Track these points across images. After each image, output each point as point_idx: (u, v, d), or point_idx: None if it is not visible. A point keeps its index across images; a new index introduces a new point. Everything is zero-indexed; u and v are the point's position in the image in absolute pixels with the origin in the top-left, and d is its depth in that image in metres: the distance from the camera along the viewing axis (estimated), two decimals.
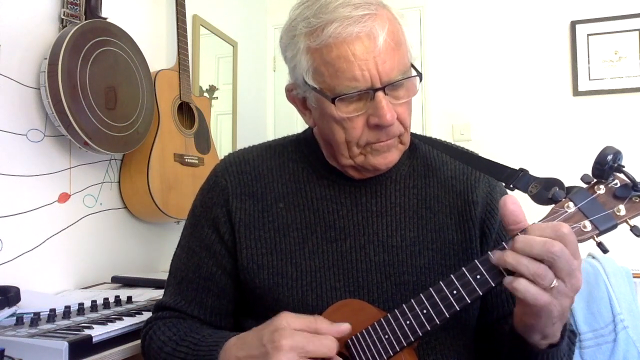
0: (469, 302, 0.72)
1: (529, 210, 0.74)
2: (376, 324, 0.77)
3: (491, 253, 0.71)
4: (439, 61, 2.90)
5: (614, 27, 2.66)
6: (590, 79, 2.68)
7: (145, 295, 1.42)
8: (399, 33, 0.82)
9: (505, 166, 0.85)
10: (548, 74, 2.74)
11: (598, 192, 0.72)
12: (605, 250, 0.71)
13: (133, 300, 1.33)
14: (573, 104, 2.71)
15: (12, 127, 1.41)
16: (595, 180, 0.72)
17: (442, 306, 0.73)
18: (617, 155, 0.70)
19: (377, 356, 0.76)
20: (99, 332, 1.02)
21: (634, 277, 1.59)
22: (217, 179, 0.95)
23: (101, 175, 1.72)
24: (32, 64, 1.46)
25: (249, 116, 2.81)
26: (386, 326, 0.76)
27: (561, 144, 2.68)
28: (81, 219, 1.63)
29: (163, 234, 2.00)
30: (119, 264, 1.77)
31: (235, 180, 0.94)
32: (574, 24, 2.71)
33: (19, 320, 1.07)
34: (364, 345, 0.77)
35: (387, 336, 0.76)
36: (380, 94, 0.79)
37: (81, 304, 1.21)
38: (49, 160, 1.52)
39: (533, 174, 0.81)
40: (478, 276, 0.72)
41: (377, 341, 0.76)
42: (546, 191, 0.75)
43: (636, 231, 0.69)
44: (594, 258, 1.60)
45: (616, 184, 0.71)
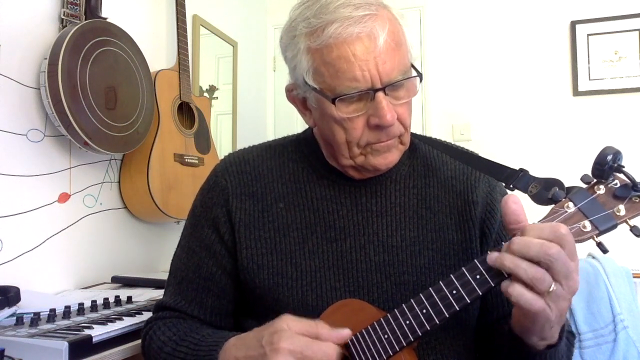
0: (468, 302, 0.72)
1: (529, 211, 0.74)
2: (376, 323, 0.77)
3: (490, 253, 0.71)
4: (439, 61, 2.90)
5: (614, 27, 2.65)
6: (590, 79, 2.68)
7: (145, 295, 1.42)
8: (399, 33, 0.82)
9: (505, 166, 0.85)
10: (548, 74, 2.74)
11: (598, 192, 0.72)
12: (605, 251, 0.71)
13: (133, 300, 1.33)
14: (573, 104, 2.71)
15: (12, 127, 1.41)
16: (595, 180, 0.72)
17: (442, 306, 0.73)
18: (617, 155, 0.70)
19: (376, 356, 0.76)
20: (99, 332, 1.02)
21: (634, 277, 1.59)
22: (217, 179, 0.95)
23: (101, 175, 1.72)
24: (32, 64, 1.46)
25: (249, 116, 2.81)
26: (386, 326, 0.76)
27: (561, 144, 2.68)
28: (81, 219, 1.63)
29: (163, 234, 2.00)
30: (119, 264, 1.77)
31: (235, 180, 0.94)
32: (574, 24, 2.71)
33: (19, 320, 1.07)
34: (364, 345, 0.77)
35: (386, 336, 0.76)
36: (380, 95, 0.79)
37: (81, 304, 1.21)
38: (49, 160, 1.52)
39: (533, 174, 0.81)
40: (478, 276, 0.72)
41: (376, 341, 0.76)
42: (546, 191, 0.76)
43: (636, 231, 0.69)
44: (594, 258, 1.60)
45: (616, 184, 0.71)
